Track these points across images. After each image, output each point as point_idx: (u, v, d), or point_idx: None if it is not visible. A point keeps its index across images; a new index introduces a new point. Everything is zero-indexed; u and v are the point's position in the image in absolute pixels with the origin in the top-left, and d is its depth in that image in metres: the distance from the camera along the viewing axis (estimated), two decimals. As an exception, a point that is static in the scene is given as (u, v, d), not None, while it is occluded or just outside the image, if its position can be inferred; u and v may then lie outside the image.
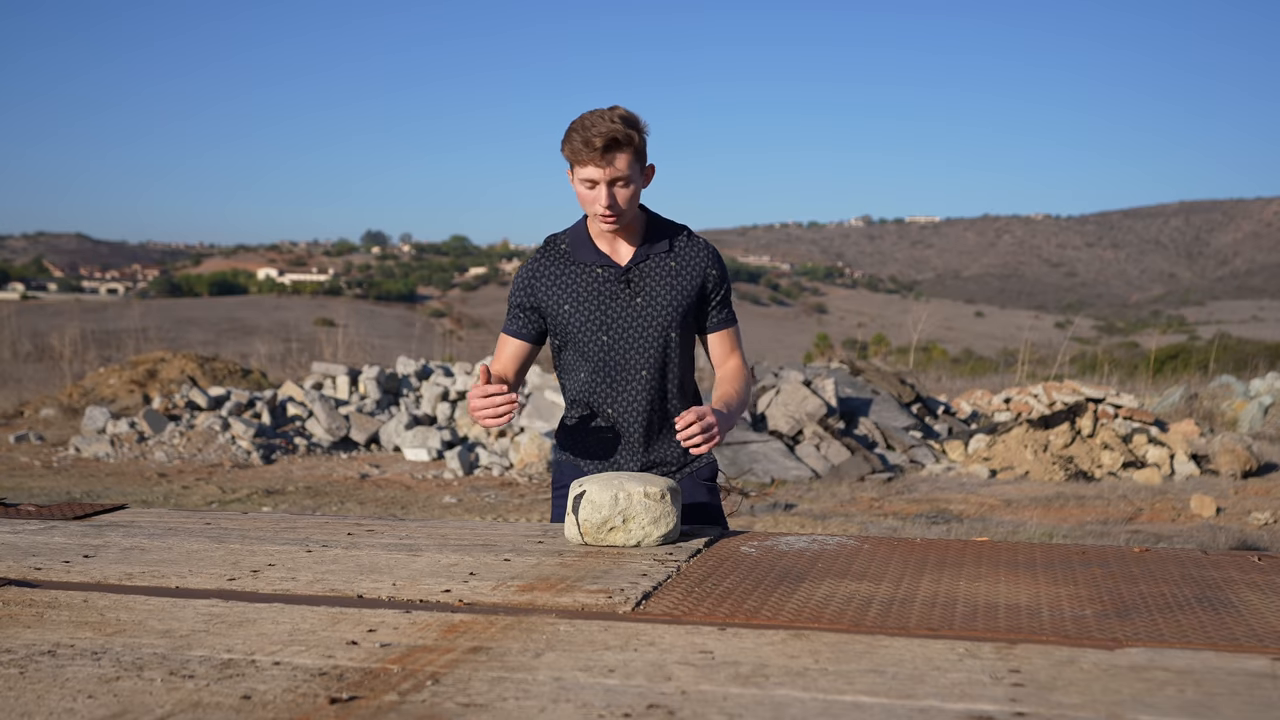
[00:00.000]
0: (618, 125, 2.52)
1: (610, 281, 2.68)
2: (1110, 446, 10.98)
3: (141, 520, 2.73)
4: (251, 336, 30.87)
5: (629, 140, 2.53)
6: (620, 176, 2.55)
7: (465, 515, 8.60)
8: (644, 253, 2.70)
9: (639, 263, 2.69)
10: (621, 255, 2.71)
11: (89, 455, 11.24)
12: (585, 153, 2.53)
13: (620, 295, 2.68)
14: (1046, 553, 2.28)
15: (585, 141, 2.52)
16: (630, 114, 2.58)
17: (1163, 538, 7.87)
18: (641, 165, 2.61)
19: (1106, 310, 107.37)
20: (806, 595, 1.92)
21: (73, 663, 1.52)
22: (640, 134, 2.58)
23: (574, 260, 2.71)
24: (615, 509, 2.31)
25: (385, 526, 2.64)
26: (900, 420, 12.36)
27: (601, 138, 2.51)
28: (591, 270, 2.70)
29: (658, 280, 2.69)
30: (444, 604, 1.88)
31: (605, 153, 2.52)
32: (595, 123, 2.53)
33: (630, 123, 2.55)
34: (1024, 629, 1.71)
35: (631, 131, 2.54)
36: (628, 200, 2.59)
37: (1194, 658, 1.53)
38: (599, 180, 2.55)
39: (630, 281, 2.68)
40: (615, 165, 2.54)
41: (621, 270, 2.68)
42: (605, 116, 2.54)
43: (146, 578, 2.07)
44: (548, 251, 2.75)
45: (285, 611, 1.79)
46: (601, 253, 2.70)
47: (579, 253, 2.71)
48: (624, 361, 2.69)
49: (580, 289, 2.69)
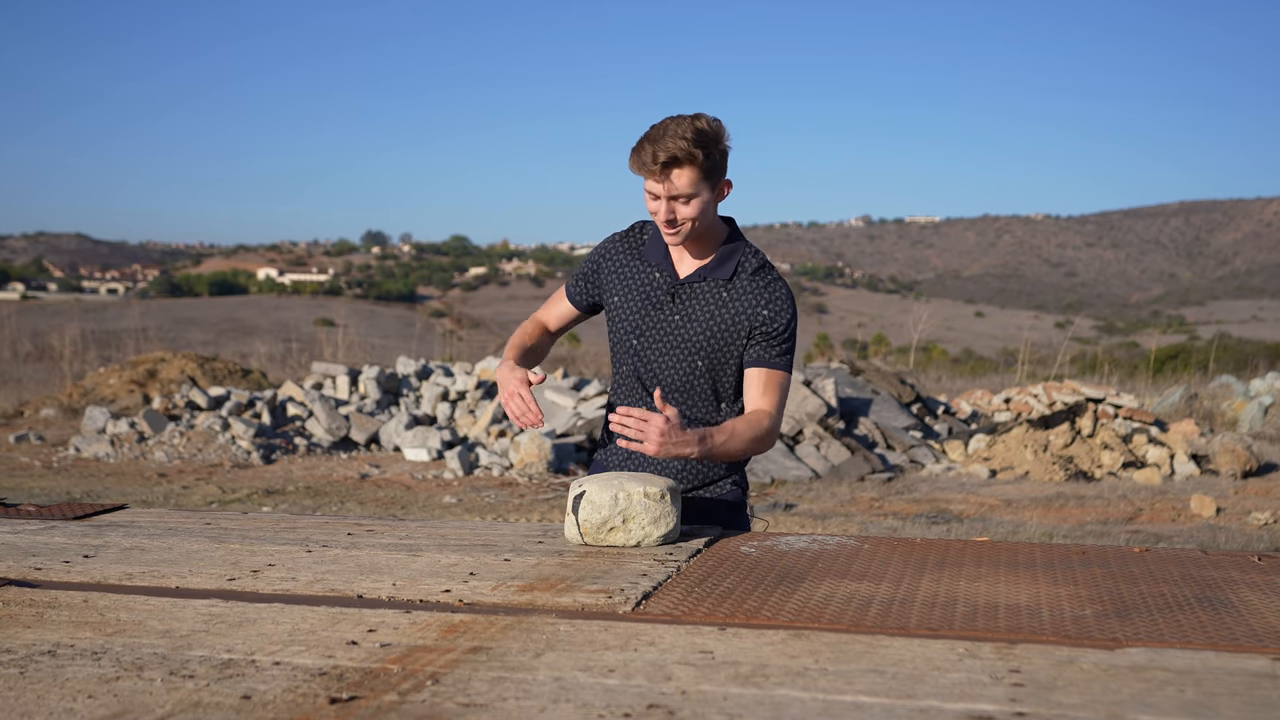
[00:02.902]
0: (683, 144, 2.42)
1: (660, 289, 2.63)
2: (1110, 446, 10.98)
3: (141, 520, 2.73)
4: (251, 336, 30.87)
5: (692, 159, 2.43)
6: (680, 194, 2.47)
7: (465, 515, 8.60)
8: (704, 273, 2.61)
9: (694, 281, 2.61)
10: (684, 267, 2.63)
11: (89, 455, 11.24)
12: (646, 167, 2.46)
13: (664, 306, 2.62)
14: (1046, 553, 2.28)
15: (650, 155, 2.44)
16: (708, 128, 2.46)
17: (1163, 538, 7.87)
18: (712, 182, 2.50)
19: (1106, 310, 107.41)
20: (806, 595, 1.92)
21: (73, 663, 1.52)
22: (710, 151, 2.46)
23: (643, 255, 2.67)
24: (615, 509, 2.31)
25: (385, 526, 2.64)
26: (900, 420, 12.36)
27: (664, 153, 2.42)
28: (650, 273, 2.65)
29: (702, 306, 2.60)
30: (444, 604, 1.88)
31: (664, 169, 2.44)
32: (665, 135, 2.44)
33: (703, 140, 2.44)
34: (1024, 629, 1.71)
35: (697, 150, 2.42)
36: (689, 217, 2.50)
37: (1194, 658, 1.52)
38: (659, 195, 2.49)
39: (677, 297, 2.61)
40: (674, 183, 2.45)
41: (675, 282, 2.62)
42: (676, 132, 2.44)
43: (146, 578, 2.07)
44: (629, 237, 2.71)
45: (285, 611, 1.79)
46: (668, 258, 2.63)
47: (650, 250, 2.66)
48: (647, 372, 2.65)
49: (633, 286, 2.66)
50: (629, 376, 2.70)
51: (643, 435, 2.39)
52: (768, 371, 2.59)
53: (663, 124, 2.48)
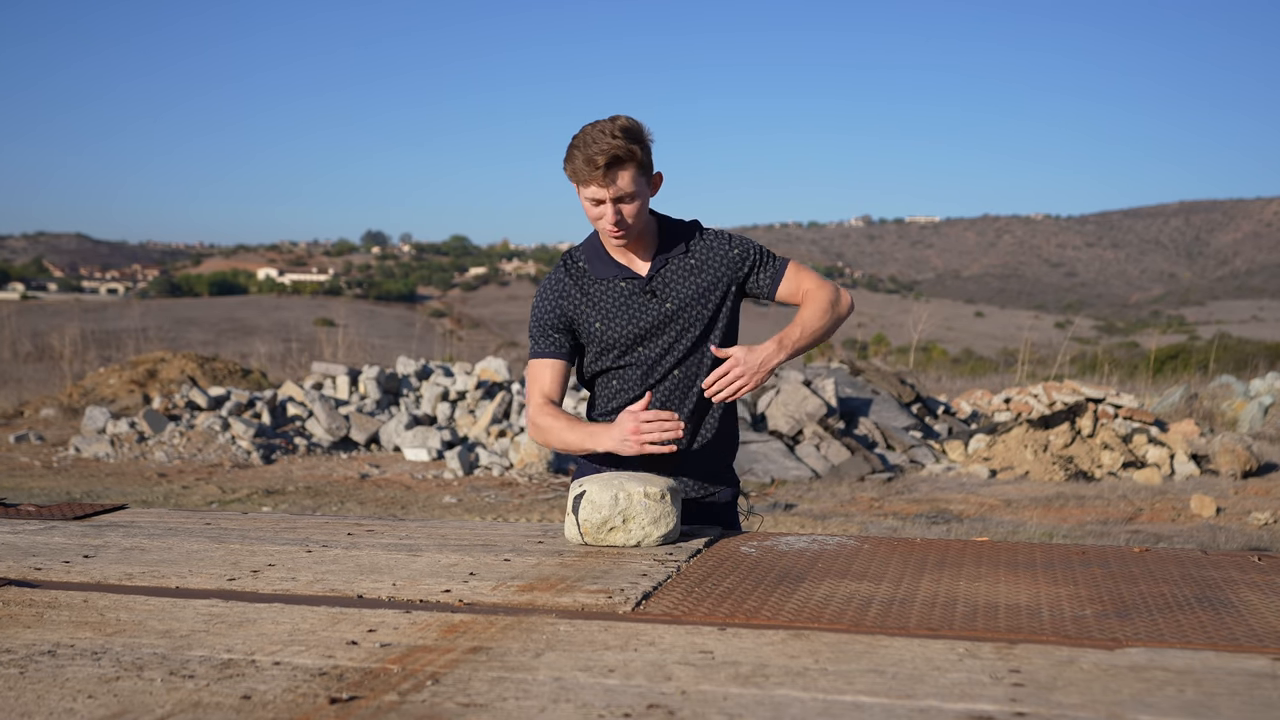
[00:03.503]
0: (619, 141, 2.44)
1: (635, 294, 2.63)
2: (1110, 446, 10.98)
3: (141, 520, 2.73)
4: (251, 336, 30.86)
5: (631, 156, 2.46)
6: (625, 193, 2.49)
7: (465, 515, 8.60)
8: (662, 259, 2.63)
9: (659, 270, 2.63)
10: (640, 265, 2.64)
11: (89, 455, 11.24)
12: (587, 172, 2.46)
13: (648, 306, 2.62)
14: (1046, 553, 2.28)
15: (587, 160, 2.45)
16: (632, 125, 2.49)
17: (1163, 538, 7.87)
18: (648, 177, 2.54)
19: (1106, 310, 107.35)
20: (806, 595, 1.92)
21: (73, 663, 1.52)
22: (644, 146, 2.50)
23: (594, 276, 2.65)
24: (615, 509, 2.31)
25: (385, 526, 2.64)
26: (900, 420, 12.36)
27: (604, 155, 2.43)
28: (614, 284, 2.64)
29: (681, 282, 2.63)
30: (444, 604, 1.88)
31: (608, 171, 2.45)
32: (596, 139, 2.45)
33: (632, 135, 2.47)
34: (1024, 629, 1.71)
35: (634, 146, 2.46)
36: (634, 214, 2.53)
37: (1194, 658, 1.52)
38: (604, 199, 2.49)
39: (654, 290, 2.63)
40: (618, 183, 2.47)
41: (644, 281, 2.63)
42: (606, 132, 2.46)
43: (146, 578, 2.07)
44: (568, 269, 2.68)
45: (285, 611, 1.79)
46: (620, 265, 2.64)
47: (597, 268, 2.65)
48: (655, 371, 2.64)
49: (607, 305, 2.64)
50: (631, 387, 2.66)
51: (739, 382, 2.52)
52: (785, 276, 2.69)
53: (587, 130, 2.49)
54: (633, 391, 2.67)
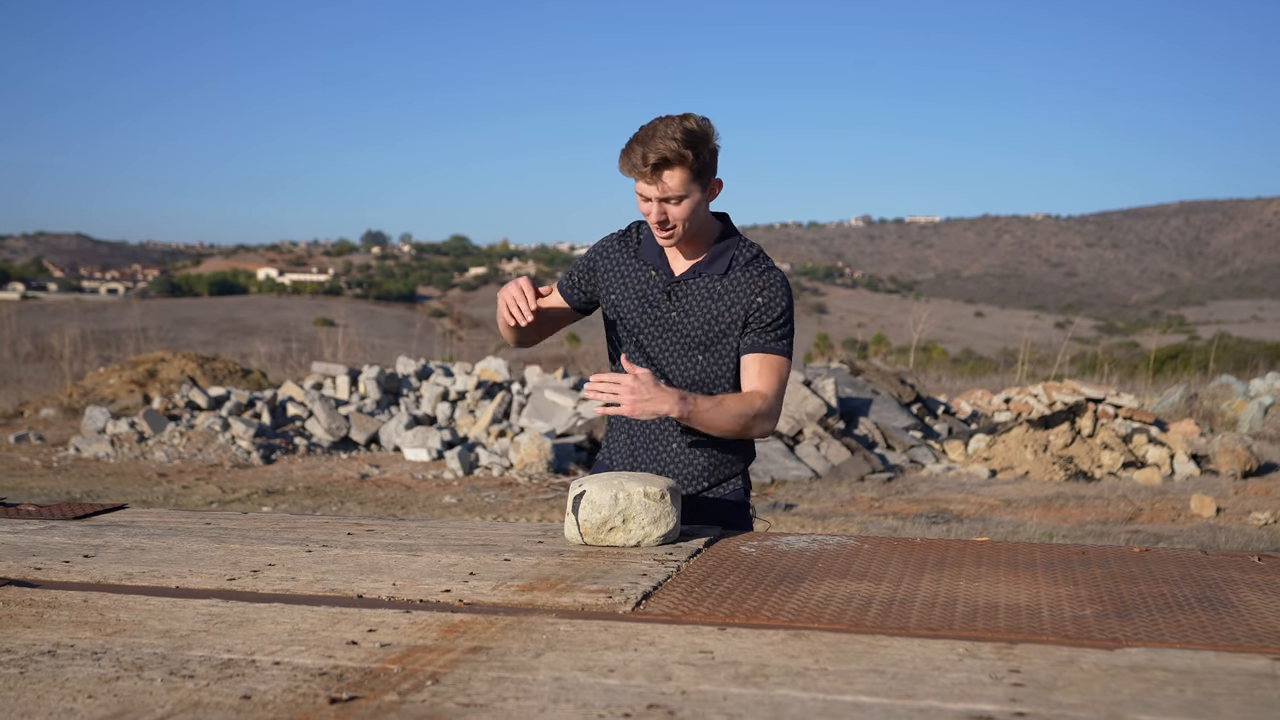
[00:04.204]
0: (673, 144, 2.43)
1: (657, 288, 2.63)
2: (1110, 446, 10.98)
3: (141, 520, 2.73)
4: (251, 336, 30.86)
5: (682, 160, 2.44)
6: (672, 195, 2.48)
7: (465, 515, 8.59)
8: (699, 269, 2.62)
9: (690, 278, 2.62)
10: (678, 266, 2.64)
11: (89, 455, 11.24)
12: (636, 169, 2.47)
13: (660, 304, 2.63)
14: (1046, 553, 2.28)
15: (640, 157, 2.45)
16: (697, 128, 2.46)
17: (1163, 538, 7.87)
18: (703, 182, 2.51)
19: (1106, 310, 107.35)
20: (806, 595, 1.92)
21: (73, 663, 1.52)
22: (702, 151, 2.47)
23: (639, 255, 2.67)
24: (615, 509, 2.31)
25: (385, 526, 2.64)
26: (900, 420, 12.36)
27: (654, 155, 2.43)
28: (646, 272, 2.66)
29: (700, 300, 2.62)
30: (444, 604, 1.88)
31: (655, 171, 2.45)
32: (654, 136, 2.44)
33: (692, 140, 2.44)
34: (1024, 629, 1.71)
35: (687, 151, 2.43)
36: (681, 218, 2.51)
37: (1194, 658, 1.52)
38: (651, 197, 2.49)
39: (673, 294, 2.62)
40: (665, 184, 2.46)
41: (670, 280, 2.63)
42: (665, 133, 2.44)
43: (146, 578, 2.07)
44: (625, 237, 2.71)
45: (285, 611, 1.79)
46: (663, 257, 2.65)
47: (645, 250, 2.67)
48: (658, 370, 2.65)
49: (630, 286, 2.66)
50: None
51: (615, 397, 2.45)
52: (762, 356, 2.60)
53: (651, 125, 2.48)
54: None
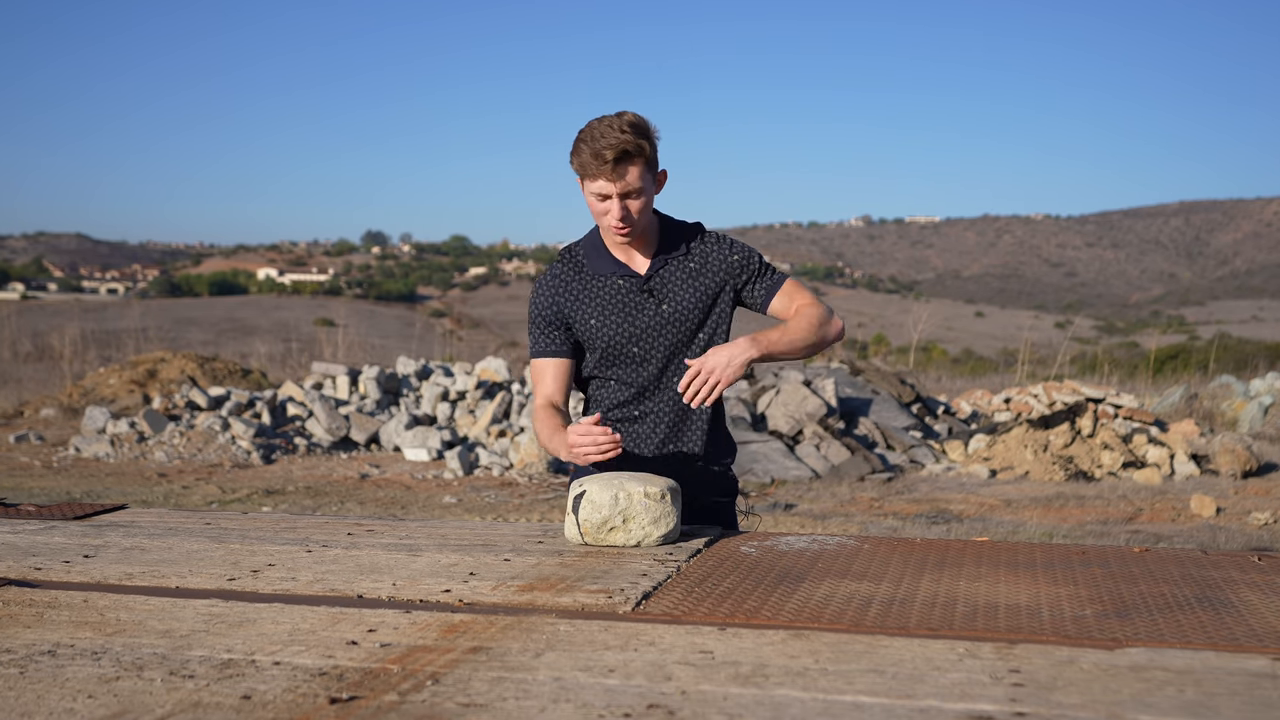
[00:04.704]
0: (627, 136, 2.45)
1: (632, 292, 2.63)
2: (1110, 446, 10.98)
3: (141, 520, 2.73)
4: (251, 336, 30.86)
5: (640, 151, 2.47)
6: (632, 189, 2.49)
7: (465, 515, 8.59)
8: (661, 259, 2.64)
9: (658, 270, 2.63)
10: (639, 264, 2.65)
11: (89, 455, 11.24)
12: (595, 166, 2.47)
13: (645, 305, 2.63)
14: (1046, 553, 2.28)
15: (595, 154, 2.45)
16: (640, 121, 2.51)
17: (1163, 538, 7.87)
18: (654, 174, 2.55)
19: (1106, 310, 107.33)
20: (806, 595, 1.92)
21: (73, 663, 1.52)
22: (651, 142, 2.51)
23: (592, 272, 2.65)
24: (615, 509, 2.31)
25: (385, 526, 2.64)
26: (900, 420, 12.36)
27: (612, 149, 2.44)
28: (612, 281, 2.64)
29: (679, 285, 2.64)
30: (444, 604, 1.88)
31: (616, 165, 2.46)
32: (604, 134, 2.46)
33: (640, 131, 2.48)
34: (1024, 629, 1.71)
35: (642, 141, 2.47)
36: (640, 211, 2.53)
37: (1194, 658, 1.53)
38: (610, 194, 2.50)
39: (652, 290, 2.63)
40: (626, 178, 2.48)
41: (642, 280, 2.63)
42: (614, 126, 2.46)
43: (146, 578, 2.07)
44: (565, 264, 2.68)
45: (285, 611, 1.80)
46: (619, 262, 2.65)
47: (596, 264, 2.65)
48: (650, 374, 2.65)
49: (603, 302, 2.64)
50: (626, 389, 2.67)
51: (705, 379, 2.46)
52: (779, 292, 2.68)
53: (594, 125, 2.50)
54: (626, 394, 2.67)
